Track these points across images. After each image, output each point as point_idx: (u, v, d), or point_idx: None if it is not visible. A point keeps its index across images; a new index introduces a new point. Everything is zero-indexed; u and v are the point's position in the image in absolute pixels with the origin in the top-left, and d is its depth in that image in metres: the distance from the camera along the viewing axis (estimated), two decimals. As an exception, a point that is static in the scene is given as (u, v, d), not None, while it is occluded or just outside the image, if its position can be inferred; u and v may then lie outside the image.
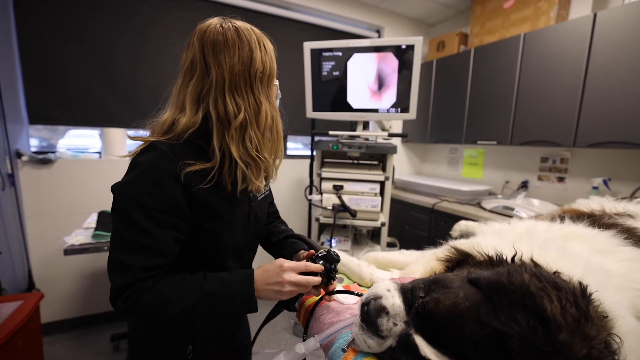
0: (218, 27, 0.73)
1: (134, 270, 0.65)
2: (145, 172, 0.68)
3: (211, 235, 0.77)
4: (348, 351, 0.61)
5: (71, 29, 2.19)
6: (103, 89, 2.34)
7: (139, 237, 0.66)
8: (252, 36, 0.74)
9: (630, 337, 0.51)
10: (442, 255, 0.71)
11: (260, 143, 0.77)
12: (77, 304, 2.41)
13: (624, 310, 0.57)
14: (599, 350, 0.44)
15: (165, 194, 0.68)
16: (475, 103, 2.74)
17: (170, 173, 0.68)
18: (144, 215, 0.66)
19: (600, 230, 0.79)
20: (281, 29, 2.88)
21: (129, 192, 0.67)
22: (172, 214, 0.69)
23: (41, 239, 2.24)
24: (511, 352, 0.43)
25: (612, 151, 2.23)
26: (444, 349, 0.49)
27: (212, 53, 0.71)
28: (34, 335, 1.65)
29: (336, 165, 2.20)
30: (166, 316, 0.66)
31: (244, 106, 0.73)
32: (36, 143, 2.42)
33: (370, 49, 1.94)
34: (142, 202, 0.67)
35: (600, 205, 1.06)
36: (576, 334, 0.44)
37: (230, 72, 0.71)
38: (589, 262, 0.61)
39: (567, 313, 0.45)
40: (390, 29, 3.34)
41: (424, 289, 0.57)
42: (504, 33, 2.57)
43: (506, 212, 2.31)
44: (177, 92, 0.76)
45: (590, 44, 1.98)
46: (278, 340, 2.36)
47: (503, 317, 0.46)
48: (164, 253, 0.69)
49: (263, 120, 0.76)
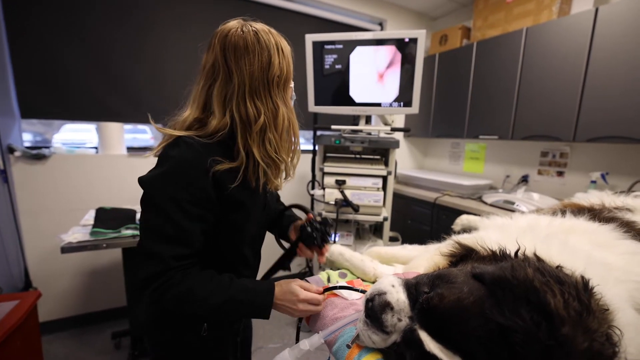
0: (239, 31, 0.75)
1: (165, 259, 0.69)
2: (177, 166, 0.71)
3: (235, 226, 0.83)
4: (353, 347, 0.62)
5: (64, 20, 2.12)
6: (99, 82, 2.27)
7: (170, 228, 0.70)
8: (270, 40, 0.77)
9: (629, 329, 0.52)
10: (445, 250, 0.72)
11: (278, 145, 0.81)
12: (76, 302, 2.38)
13: (624, 302, 0.58)
14: (600, 343, 0.45)
15: (197, 187, 0.72)
16: (477, 97, 2.73)
17: (201, 168, 0.72)
18: (176, 207, 0.70)
19: (601, 224, 0.79)
20: (282, 21, 2.84)
21: (162, 185, 0.71)
22: (202, 207, 0.73)
23: (37, 236, 2.19)
24: (515, 346, 0.44)
25: (611, 146, 2.23)
26: (448, 344, 0.50)
27: (234, 58, 0.74)
28: (32, 335, 1.62)
29: (338, 160, 2.21)
30: (191, 310, 0.73)
31: (263, 110, 0.77)
32: (30, 138, 2.35)
33: (373, 42, 1.93)
34: (174, 195, 0.70)
35: (599, 200, 1.07)
36: (578, 328, 0.44)
37: (250, 78, 0.75)
38: (590, 256, 0.62)
39: (570, 307, 0.46)
40: (393, 22, 3.31)
41: (428, 285, 0.58)
42: (506, 27, 2.55)
43: (507, 206, 2.32)
44: (199, 93, 0.79)
45: (592, 39, 1.97)
46: (282, 335, 2.39)
47: (507, 311, 0.47)
48: (192, 244, 0.73)
49: (281, 123, 0.80)
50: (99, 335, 2.32)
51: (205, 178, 0.72)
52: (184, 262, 0.72)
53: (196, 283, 0.72)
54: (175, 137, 0.75)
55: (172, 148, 0.73)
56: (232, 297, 0.73)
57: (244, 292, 0.75)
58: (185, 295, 0.70)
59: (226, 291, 0.73)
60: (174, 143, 0.74)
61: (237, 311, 0.75)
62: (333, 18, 3.09)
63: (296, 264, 3.12)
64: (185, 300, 0.71)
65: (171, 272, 0.70)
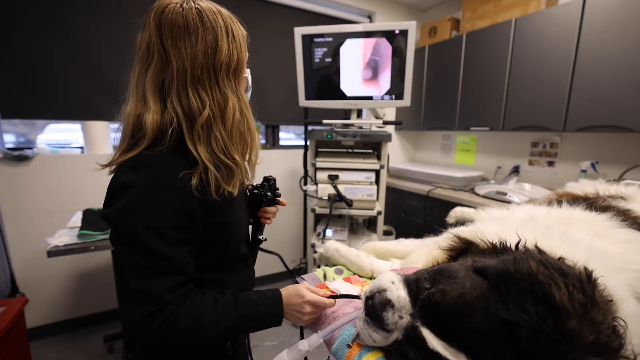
0: (178, 7, 0.65)
1: (161, 295, 0.62)
2: (145, 192, 0.62)
3: (229, 226, 0.76)
4: (353, 346, 0.61)
5: (45, 15, 2.05)
6: (82, 80, 2.20)
7: (156, 260, 0.62)
8: (218, 21, 0.66)
9: (632, 319, 0.51)
10: (444, 244, 0.71)
11: (226, 143, 0.70)
12: (65, 306, 2.33)
13: (625, 292, 0.57)
14: (607, 336, 0.44)
15: (172, 210, 0.64)
16: (467, 89, 2.73)
17: (172, 187, 0.63)
18: (155, 237, 0.62)
19: (597, 213, 0.79)
20: (270, 14, 2.79)
21: (133, 217, 0.61)
22: (183, 229, 0.65)
23: (22, 240, 2.13)
24: (521, 341, 0.43)
25: (600, 135, 2.26)
26: (452, 341, 0.49)
27: (171, 38, 0.64)
28: (20, 342, 1.59)
29: (331, 155, 2.18)
30: (201, 338, 0.67)
31: (208, 102, 0.66)
32: (13, 139, 2.28)
33: (362, 34, 1.90)
34: (150, 224, 0.61)
35: (593, 188, 1.07)
36: (584, 321, 0.44)
37: (192, 63, 0.64)
38: (591, 246, 0.61)
39: (575, 299, 0.45)
40: (382, 14, 3.29)
41: (429, 280, 0.57)
42: (495, 18, 2.55)
43: (499, 197, 2.34)
44: (137, 81, 0.69)
45: (580, 28, 1.98)
46: (277, 332, 2.37)
47: (512, 306, 0.45)
48: (183, 270, 0.66)
49: (230, 118, 0.69)
50: (90, 339, 2.28)
51: (178, 197, 0.64)
52: (181, 291, 0.65)
53: (202, 311, 0.66)
54: (128, 159, 0.65)
55: (129, 172, 0.63)
56: (242, 316, 0.69)
57: (252, 308, 0.70)
58: (194, 327, 0.65)
59: (234, 311, 0.68)
60: (131, 166, 0.64)
61: (249, 327, 0.72)
62: (322, 11, 3.06)
63: (290, 260, 3.11)
64: (195, 331, 0.65)
65: (170, 307, 0.63)
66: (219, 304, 0.68)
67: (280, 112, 3.00)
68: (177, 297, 0.64)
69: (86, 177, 2.23)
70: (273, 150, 3.03)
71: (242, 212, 0.83)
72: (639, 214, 0.85)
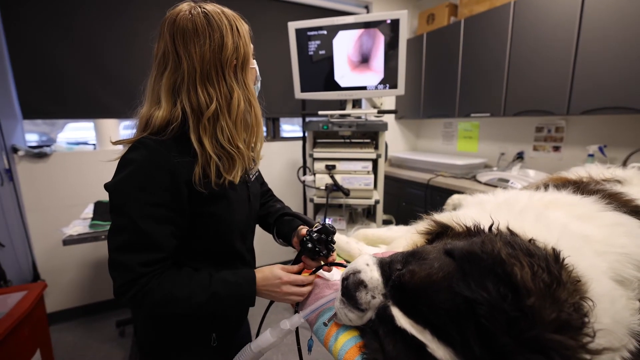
0: (187, 14, 0.71)
1: (133, 268, 0.66)
2: (137, 169, 0.67)
3: (216, 219, 0.79)
4: (331, 325, 0.63)
5: (60, 22, 2.20)
6: (94, 80, 2.35)
7: (136, 233, 0.67)
8: (222, 20, 0.72)
9: (604, 299, 0.51)
10: (422, 228, 0.72)
11: (232, 133, 0.75)
12: (81, 293, 2.49)
13: (599, 273, 0.57)
14: (568, 314, 0.44)
15: (159, 188, 0.68)
16: (467, 76, 2.69)
17: (163, 167, 0.68)
18: (138, 211, 0.67)
19: (583, 196, 0.79)
20: (265, 10, 2.81)
21: (123, 189, 0.67)
22: (167, 208, 0.69)
23: (42, 231, 2.29)
24: (480, 318, 0.44)
25: (607, 117, 2.20)
26: (419, 319, 0.50)
27: (182, 43, 0.70)
28: (40, 323, 1.70)
29: (328, 145, 2.19)
30: (175, 311, 0.72)
31: (215, 96, 0.72)
32: (36, 138, 2.49)
33: (355, 25, 1.89)
34: (137, 198, 0.67)
35: (587, 173, 1.06)
36: (546, 299, 0.44)
37: (200, 62, 0.70)
38: (565, 227, 0.62)
39: (539, 278, 0.45)
40: (379, 3, 3.25)
41: (401, 262, 0.58)
42: (493, 2, 2.49)
43: (501, 184, 2.31)
44: (152, 86, 0.75)
45: (582, 6, 1.92)
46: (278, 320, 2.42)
47: (473, 284, 0.46)
48: (160, 247, 0.69)
49: (235, 108, 0.74)
50: (104, 323, 2.43)
51: (168, 178, 0.69)
52: (155, 267, 0.69)
53: (175, 285, 0.69)
54: (133, 140, 0.72)
55: (130, 151, 0.70)
56: (215, 293, 0.71)
57: (226, 286, 0.73)
58: (166, 299, 0.68)
59: (207, 288, 0.71)
60: (133, 146, 0.70)
61: (222, 305, 0.74)
62: (318, 4, 3.05)
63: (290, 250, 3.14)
64: (167, 303, 0.69)
65: (143, 280, 0.67)
66: (194, 280, 0.72)
67: (278, 105, 3.02)
68: (151, 271, 0.68)
69: (98, 172, 2.36)
70: (274, 142, 3.05)
71: (238, 209, 0.83)
72: (631, 197, 0.84)
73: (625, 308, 0.54)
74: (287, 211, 1.03)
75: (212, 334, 0.85)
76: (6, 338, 1.35)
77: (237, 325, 0.97)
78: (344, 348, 0.60)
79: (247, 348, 0.72)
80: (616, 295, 0.54)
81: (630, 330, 0.52)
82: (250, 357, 0.71)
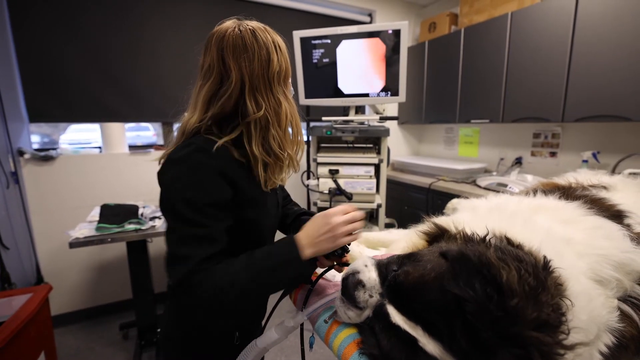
0: (236, 30, 0.76)
1: (192, 260, 0.67)
2: (188, 168, 0.71)
3: (254, 224, 0.83)
4: (332, 323, 0.68)
5: (66, 27, 2.23)
6: (100, 84, 2.37)
7: (190, 229, 0.69)
8: (268, 38, 0.78)
9: (581, 297, 0.55)
10: (422, 229, 0.77)
11: (282, 140, 0.81)
12: (85, 296, 2.50)
13: (578, 273, 0.62)
14: (547, 314, 0.48)
15: (209, 187, 0.72)
16: (467, 83, 2.75)
17: (212, 167, 0.72)
18: (191, 209, 0.69)
19: (568, 202, 0.83)
20: (270, 17, 2.85)
21: (175, 188, 0.71)
22: (217, 207, 0.72)
23: (47, 233, 2.31)
24: (467, 315, 0.49)
25: (600, 125, 2.26)
26: (412, 316, 0.55)
27: (232, 57, 0.75)
28: (45, 326, 1.71)
29: (332, 150, 2.24)
30: (227, 301, 0.68)
31: (264, 106, 0.77)
32: (38, 139, 2.47)
33: (357, 35, 1.96)
34: (189, 198, 0.70)
35: (575, 179, 1.11)
36: (529, 300, 0.48)
37: (250, 76, 0.75)
38: (548, 231, 0.66)
39: (525, 282, 0.49)
40: (382, 12, 3.31)
41: (398, 263, 0.63)
42: (492, 12, 2.56)
43: (500, 189, 2.36)
44: (196, 95, 0.80)
45: (575, 19, 1.99)
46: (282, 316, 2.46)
47: (462, 283, 0.51)
48: (215, 241, 0.71)
49: (284, 119, 0.80)
50: (108, 326, 2.43)
51: (217, 177, 0.73)
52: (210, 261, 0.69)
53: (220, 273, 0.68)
54: (185, 138, 0.77)
55: (180, 150, 0.74)
56: (260, 269, 0.70)
57: (268, 258, 0.72)
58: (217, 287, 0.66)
59: (251, 266, 0.70)
60: (183, 144, 0.75)
61: (271, 281, 0.72)
62: (322, 12, 3.10)
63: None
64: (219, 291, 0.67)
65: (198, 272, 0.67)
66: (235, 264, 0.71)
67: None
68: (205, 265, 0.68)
69: (104, 175, 2.38)
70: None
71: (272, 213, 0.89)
72: (612, 202, 0.88)
73: (603, 306, 0.58)
74: (306, 210, 1.09)
75: (235, 332, 0.89)
76: (12, 340, 1.35)
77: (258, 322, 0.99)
78: (343, 344, 0.64)
79: (253, 344, 0.77)
80: (594, 294, 0.58)
81: (607, 327, 0.57)
82: (256, 352, 0.76)
